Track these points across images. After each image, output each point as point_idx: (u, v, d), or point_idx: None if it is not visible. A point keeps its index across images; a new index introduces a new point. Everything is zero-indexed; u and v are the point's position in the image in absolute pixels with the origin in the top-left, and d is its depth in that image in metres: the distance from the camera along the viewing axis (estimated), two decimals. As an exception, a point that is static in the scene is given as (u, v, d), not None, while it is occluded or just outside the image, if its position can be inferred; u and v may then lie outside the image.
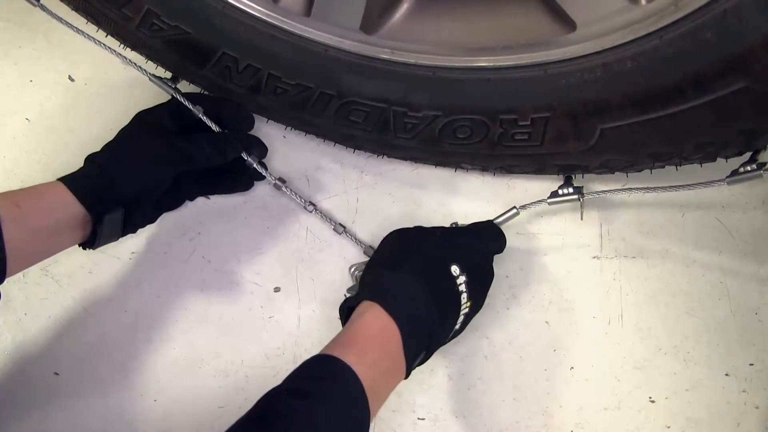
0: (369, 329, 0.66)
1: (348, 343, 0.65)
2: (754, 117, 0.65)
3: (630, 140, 0.72)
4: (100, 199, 0.77)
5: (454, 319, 0.73)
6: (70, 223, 0.76)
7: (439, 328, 0.71)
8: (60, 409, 0.86)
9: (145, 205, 0.83)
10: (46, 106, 1.04)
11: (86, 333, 0.89)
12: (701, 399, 0.80)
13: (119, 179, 0.79)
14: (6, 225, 0.69)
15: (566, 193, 0.83)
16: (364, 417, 0.62)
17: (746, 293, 0.84)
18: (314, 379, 0.62)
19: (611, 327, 0.84)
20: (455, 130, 0.79)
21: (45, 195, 0.75)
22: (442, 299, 0.71)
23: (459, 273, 0.72)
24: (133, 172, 0.80)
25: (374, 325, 0.67)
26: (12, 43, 1.08)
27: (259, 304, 0.89)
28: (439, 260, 0.73)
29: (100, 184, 0.78)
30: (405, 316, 0.67)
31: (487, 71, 0.74)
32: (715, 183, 0.75)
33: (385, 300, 0.68)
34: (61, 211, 0.75)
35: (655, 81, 0.66)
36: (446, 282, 0.72)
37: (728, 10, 0.58)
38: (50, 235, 0.75)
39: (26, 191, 0.75)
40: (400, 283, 0.70)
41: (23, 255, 0.73)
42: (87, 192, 0.76)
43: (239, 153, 0.87)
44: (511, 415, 0.82)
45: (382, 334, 0.66)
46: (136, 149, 0.82)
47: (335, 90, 0.81)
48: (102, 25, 0.86)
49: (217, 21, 0.79)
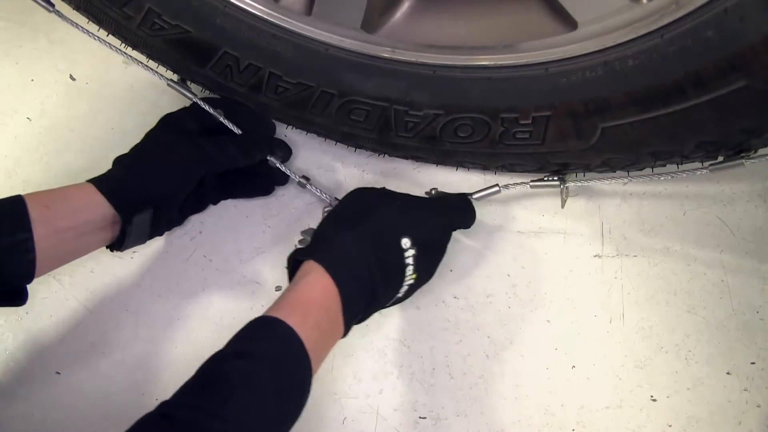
0: (312, 291, 0.68)
1: (291, 304, 0.67)
2: (754, 115, 0.65)
3: (631, 139, 0.72)
4: (129, 200, 0.78)
5: (396, 287, 0.74)
6: (99, 224, 0.77)
7: (381, 294, 0.72)
8: (61, 408, 0.86)
9: (172, 206, 0.84)
10: (47, 105, 1.04)
11: (87, 332, 0.89)
12: (702, 397, 0.80)
13: (147, 179, 0.80)
14: (35, 225, 0.70)
15: (549, 179, 0.83)
16: (306, 376, 0.64)
17: (747, 291, 0.83)
18: (257, 341, 0.64)
19: (612, 325, 0.84)
20: (456, 129, 0.79)
21: (74, 196, 0.76)
22: (387, 269, 0.72)
23: (409, 246, 0.73)
24: (160, 172, 0.81)
25: (316, 287, 0.68)
26: (13, 42, 1.08)
27: (260, 304, 0.89)
28: (390, 230, 0.74)
29: (129, 184, 0.79)
30: (346, 280, 0.69)
31: (488, 70, 0.74)
32: (697, 171, 0.75)
33: (329, 263, 0.69)
34: (90, 212, 0.76)
35: (656, 79, 0.66)
36: (393, 253, 0.73)
37: (729, 9, 0.58)
38: (79, 236, 0.75)
39: (55, 192, 0.76)
40: (347, 247, 0.71)
41: (52, 256, 0.74)
42: (115, 193, 0.77)
43: (265, 154, 0.88)
44: (513, 413, 0.82)
45: (323, 297, 0.68)
46: (163, 150, 0.83)
47: (336, 89, 0.81)
48: (103, 24, 0.86)
49: (218, 20, 0.79)
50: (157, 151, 0.83)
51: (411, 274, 0.74)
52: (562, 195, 0.85)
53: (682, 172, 0.76)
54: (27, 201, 0.72)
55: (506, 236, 0.89)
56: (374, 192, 0.81)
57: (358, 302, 0.71)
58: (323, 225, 0.78)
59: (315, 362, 0.65)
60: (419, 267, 0.75)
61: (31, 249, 0.70)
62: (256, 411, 0.59)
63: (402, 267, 0.73)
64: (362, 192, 0.81)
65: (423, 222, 0.77)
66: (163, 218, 0.83)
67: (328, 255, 0.70)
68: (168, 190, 0.81)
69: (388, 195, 0.80)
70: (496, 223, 0.90)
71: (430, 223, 0.78)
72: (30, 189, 0.97)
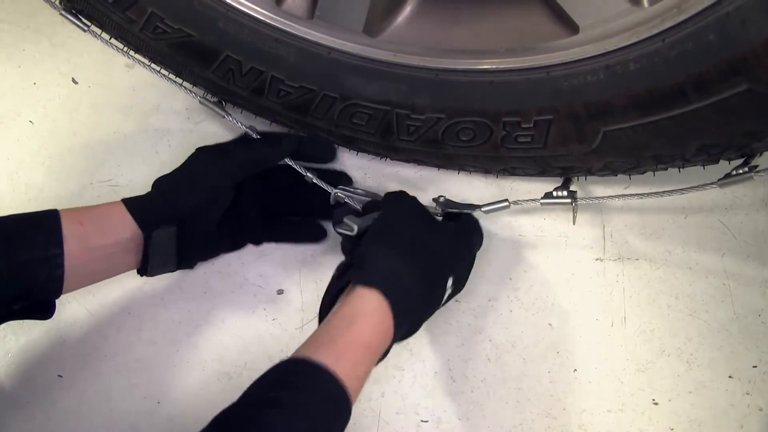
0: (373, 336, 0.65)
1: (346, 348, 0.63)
2: (756, 119, 0.65)
3: (632, 142, 0.72)
4: (154, 218, 0.77)
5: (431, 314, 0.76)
6: (128, 245, 0.77)
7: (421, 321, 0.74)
8: (63, 411, 0.86)
9: (200, 227, 0.82)
10: (49, 108, 1.04)
11: (89, 335, 0.89)
12: (704, 401, 0.80)
13: (172, 196, 0.79)
14: (67, 241, 0.71)
15: (559, 196, 0.83)
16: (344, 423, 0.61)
17: (749, 295, 0.83)
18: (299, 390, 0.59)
19: (614, 329, 0.84)
20: (458, 133, 0.80)
21: (107, 215, 0.76)
22: (431, 306, 0.74)
23: (451, 284, 0.75)
24: (186, 187, 0.81)
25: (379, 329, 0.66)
26: (16, 45, 1.08)
27: (262, 307, 0.89)
28: (442, 270, 0.74)
29: (154, 202, 0.79)
30: (403, 321, 0.68)
31: (489, 74, 0.74)
32: (707, 186, 0.75)
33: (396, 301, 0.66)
34: (120, 232, 0.76)
35: (657, 83, 0.66)
36: (440, 292, 0.74)
37: (731, 13, 0.58)
38: (109, 256, 0.75)
39: (90, 210, 0.76)
40: (412, 287, 0.69)
41: (81, 273, 0.74)
42: (141, 211, 0.77)
43: (294, 145, 0.86)
44: (515, 417, 0.82)
45: (383, 341, 0.66)
46: (192, 166, 0.83)
47: (338, 92, 0.81)
48: (105, 28, 0.86)
49: (220, 24, 0.79)
50: (186, 170, 0.83)
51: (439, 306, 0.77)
52: (574, 212, 0.85)
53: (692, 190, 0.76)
54: (61, 216, 0.72)
55: (508, 240, 0.89)
56: (420, 215, 0.79)
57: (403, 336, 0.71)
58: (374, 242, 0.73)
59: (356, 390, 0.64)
60: (447, 299, 0.78)
61: (61, 264, 0.70)
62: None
63: (439, 304, 0.76)
64: (407, 210, 0.79)
65: (462, 260, 0.79)
66: (192, 239, 0.81)
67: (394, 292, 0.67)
68: (195, 205, 0.80)
69: (434, 225, 0.79)
70: (498, 226, 0.90)
71: (467, 261, 0.80)
72: (32, 192, 0.97)
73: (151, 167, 0.98)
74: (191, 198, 0.80)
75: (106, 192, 0.97)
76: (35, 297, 0.71)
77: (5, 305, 0.69)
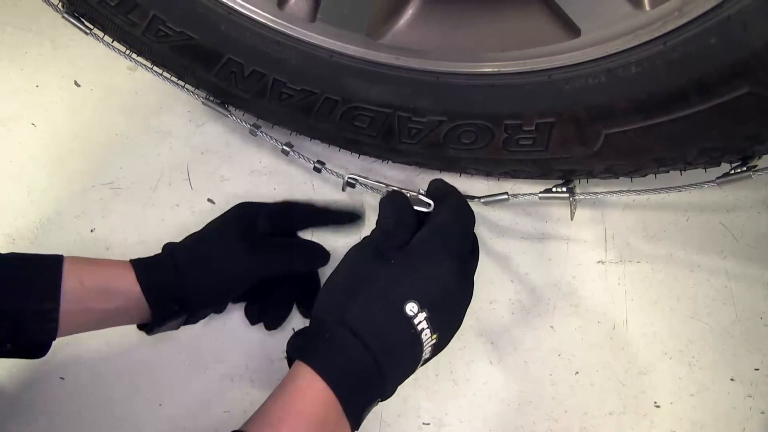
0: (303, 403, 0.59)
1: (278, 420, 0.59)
2: (758, 122, 0.65)
3: (634, 145, 0.72)
4: (165, 299, 0.75)
5: (415, 358, 0.65)
6: (131, 311, 0.75)
7: (393, 374, 0.64)
8: (65, 413, 0.86)
9: (209, 307, 0.81)
10: (51, 111, 1.04)
11: (91, 338, 0.89)
12: (706, 404, 0.80)
13: (189, 285, 0.76)
14: (66, 299, 0.69)
15: (558, 191, 0.83)
16: None
17: (751, 298, 0.83)
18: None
19: (616, 332, 0.84)
20: (460, 136, 0.80)
21: (112, 278, 0.73)
22: (395, 347, 0.63)
23: (417, 311, 0.63)
24: (202, 273, 0.77)
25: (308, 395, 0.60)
26: (18, 48, 1.09)
27: (264, 309, 0.89)
28: (388, 302, 0.63)
29: (169, 284, 0.75)
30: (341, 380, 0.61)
31: (491, 77, 0.74)
32: (705, 184, 0.75)
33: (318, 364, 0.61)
34: (123, 299, 0.73)
35: (659, 86, 0.66)
36: (398, 326, 0.63)
37: (732, 16, 0.58)
38: (107, 318, 0.74)
39: (95, 269, 0.73)
40: (339, 339, 0.62)
41: (75, 328, 0.73)
42: (153, 289, 0.74)
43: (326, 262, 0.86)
44: (516, 420, 0.82)
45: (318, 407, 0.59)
46: (215, 250, 0.79)
47: (340, 95, 0.81)
48: (108, 31, 0.86)
49: (222, 27, 0.79)
50: (210, 252, 0.79)
51: (430, 336, 0.64)
52: (571, 207, 0.85)
53: (690, 186, 0.76)
54: (64, 269, 0.70)
55: (510, 242, 0.89)
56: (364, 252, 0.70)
57: (364, 395, 0.63)
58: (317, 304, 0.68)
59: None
60: (438, 327, 0.65)
61: (56, 319, 0.69)
62: None
63: (415, 336, 0.63)
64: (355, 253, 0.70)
65: (428, 276, 0.65)
66: (199, 315, 0.80)
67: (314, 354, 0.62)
68: (206, 291, 0.77)
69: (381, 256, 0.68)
70: (500, 229, 0.90)
71: (437, 276, 0.66)
72: (34, 194, 0.98)
73: (153, 169, 0.98)
74: (205, 285, 0.77)
75: (108, 194, 0.97)
76: (24, 343, 0.71)
77: None
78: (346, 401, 0.60)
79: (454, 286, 0.67)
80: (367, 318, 0.62)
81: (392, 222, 0.69)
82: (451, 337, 0.69)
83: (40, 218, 0.97)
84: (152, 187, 0.94)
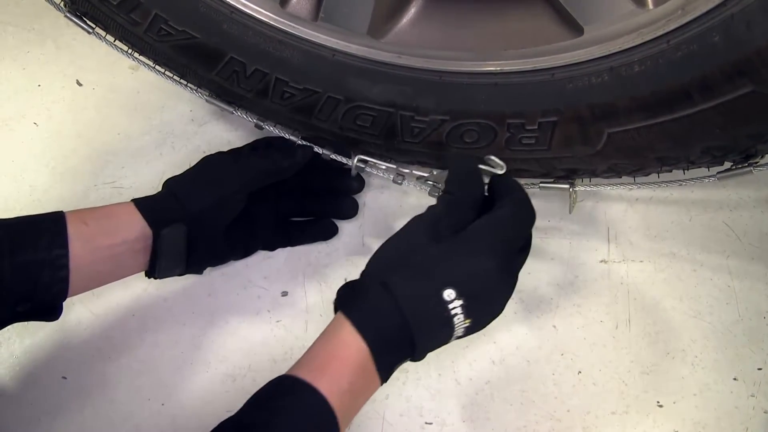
0: (345, 350, 0.64)
1: (323, 366, 0.63)
2: (761, 121, 0.65)
3: (637, 144, 0.72)
4: (164, 217, 0.76)
5: (446, 334, 0.67)
6: (136, 245, 0.75)
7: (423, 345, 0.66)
8: (67, 412, 0.86)
9: (211, 230, 0.81)
10: (53, 110, 1.04)
11: (93, 337, 0.89)
12: (709, 403, 0.80)
13: (184, 196, 0.78)
14: (72, 242, 0.70)
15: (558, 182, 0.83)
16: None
17: (754, 297, 0.83)
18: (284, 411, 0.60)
19: (619, 331, 0.84)
20: (462, 135, 0.80)
21: (114, 214, 0.75)
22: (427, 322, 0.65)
23: (455, 297, 0.64)
24: (197, 190, 0.80)
25: (350, 345, 0.64)
26: (20, 47, 1.09)
27: (266, 309, 0.89)
28: (431, 283, 0.65)
29: (165, 201, 0.78)
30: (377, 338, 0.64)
31: (494, 76, 0.74)
32: (706, 179, 0.75)
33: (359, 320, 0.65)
34: (128, 231, 0.75)
35: (662, 85, 0.66)
36: (433, 306, 0.65)
37: (735, 14, 0.58)
38: (116, 256, 0.74)
39: (96, 210, 0.75)
40: (379, 302, 0.65)
41: (87, 274, 0.73)
42: (152, 210, 0.76)
43: (309, 155, 0.85)
44: (519, 419, 0.82)
45: (358, 356, 0.64)
46: (205, 168, 0.82)
47: (342, 94, 0.81)
48: (110, 30, 0.86)
49: (225, 26, 0.79)
50: (200, 170, 0.82)
51: (462, 320, 0.66)
52: (570, 199, 0.85)
53: (690, 180, 0.76)
54: (67, 217, 0.71)
55: (512, 241, 0.89)
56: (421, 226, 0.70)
57: (395, 355, 0.66)
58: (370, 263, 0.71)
59: (344, 424, 0.62)
60: (472, 314, 0.66)
61: (66, 265, 0.69)
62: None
63: (447, 318, 0.65)
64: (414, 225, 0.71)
65: (474, 270, 0.66)
66: (202, 243, 0.80)
67: (358, 311, 0.66)
68: (206, 208, 0.79)
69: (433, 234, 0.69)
70: (502, 228, 0.90)
71: (483, 270, 0.66)
72: (36, 194, 0.98)
73: (155, 169, 0.98)
74: (203, 200, 0.79)
75: (110, 193, 0.97)
76: (40, 298, 0.71)
77: (9, 307, 0.69)
78: (378, 358, 0.64)
79: (498, 281, 0.68)
80: (407, 292, 0.65)
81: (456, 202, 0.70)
82: (487, 323, 0.70)
83: (42, 218, 0.97)
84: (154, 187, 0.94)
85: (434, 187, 0.84)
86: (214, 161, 0.83)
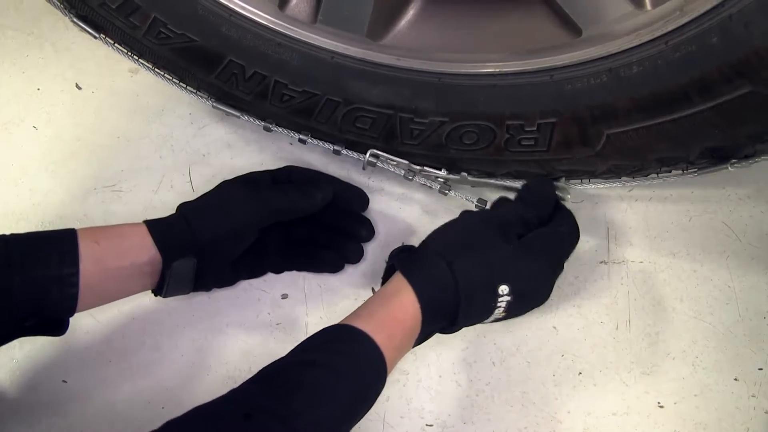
0: (403, 314, 0.70)
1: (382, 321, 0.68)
2: (760, 121, 0.65)
3: (636, 145, 0.72)
4: (175, 246, 0.76)
5: (482, 318, 0.75)
6: (145, 268, 0.75)
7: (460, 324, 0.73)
8: (68, 416, 0.86)
9: (221, 260, 0.81)
10: (53, 114, 1.04)
11: (94, 341, 0.89)
12: (710, 404, 0.80)
13: (196, 225, 0.78)
14: (83, 261, 0.70)
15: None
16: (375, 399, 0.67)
17: (754, 297, 0.83)
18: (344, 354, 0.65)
19: (619, 332, 0.84)
20: (462, 136, 0.80)
21: (126, 235, 0.75)
22: (476, 308, 0.72)
23: (507, 293, 0.72)
24: (211, 220, 0.79)
25: (408, 311, 0.70)
26: (19, 51, 1.09)
27: (266, 311, 0.89)
28: (491, 275, 0.72)
29: (177, 229, 0.77)
30: (432, 310, 0.70)
31: (493, 77, 0.74)
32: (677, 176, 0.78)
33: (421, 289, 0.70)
34: (137, 254, 0.75)
35: (661, 86, 0.66)
36: (487, 296, 0.72)
37: (734, 15, 0.58)
38: (124, 277, 0.75)
39: (108, 229, 0.75)
40: (444, 278, 0.71)
41: (95, 293, 0.73)
42: (164, 237, 0.76)
43: (329, 197, 0.85)
44: (519, 420, 0.82)
45: (412, 322, 0.70)
46: (221, 199, 0.82)
47: (342, 97, 0.81)
48: (109, 34, 0.86)
49: (223, 29, 0.79)
50: (215, 199, 0.82)
51: (501, 313, 0.74)
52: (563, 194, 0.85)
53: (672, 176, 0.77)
54: (79, 235, 0.71)
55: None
56: (489, 223, 0.77)
57: (437, 325, 0.73)
58: (432, 239, 0.77)
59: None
60: (511, 311, 0.74)
61: (76, 283, 0.69)
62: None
63: (492, 307, 0.73)
64: (483, 221, 0.78)
65: (531, 274, 0.74)
66: (209, 270, 0.80)
67: (419, 278, 0.71)
68: (217, 239, 0.78)
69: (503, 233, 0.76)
70: (502, 229, 0.90)
71: (537, 276, 0.75)
72: (36, 197, 0.98)
73: (154, 172, 0.98)
74: (215, 231, 0.78)
75: (110, 197, 0.97)
76: (47, 314, 0.70)
77: (17, 321, 0.69)
78: (423, 326, 0.71)
79: (545, 287, 0.77)
80: (469, 276, 0.71)
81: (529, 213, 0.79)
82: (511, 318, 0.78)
83: (41, 221, 0.97)
84: (154, 190, 0.94)
85: (444, 184, 0.87)
86: (231, 191, 0.82)
